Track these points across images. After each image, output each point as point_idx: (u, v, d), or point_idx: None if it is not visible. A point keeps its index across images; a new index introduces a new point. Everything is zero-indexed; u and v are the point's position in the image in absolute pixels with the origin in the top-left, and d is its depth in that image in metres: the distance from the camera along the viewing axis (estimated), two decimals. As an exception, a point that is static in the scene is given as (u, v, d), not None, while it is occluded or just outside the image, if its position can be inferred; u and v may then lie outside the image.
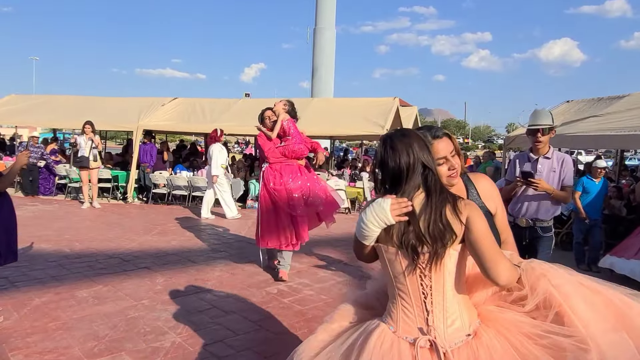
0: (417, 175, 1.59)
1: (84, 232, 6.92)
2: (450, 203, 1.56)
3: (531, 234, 3.47)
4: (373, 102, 11.20)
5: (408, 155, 1.59)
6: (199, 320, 3.74)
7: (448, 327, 1.55)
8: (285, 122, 4.90)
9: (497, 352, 1.49)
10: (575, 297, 1.54)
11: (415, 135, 1.65)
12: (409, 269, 1.56)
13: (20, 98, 13.35)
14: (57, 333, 3.40)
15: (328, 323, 1.84)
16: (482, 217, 1.56)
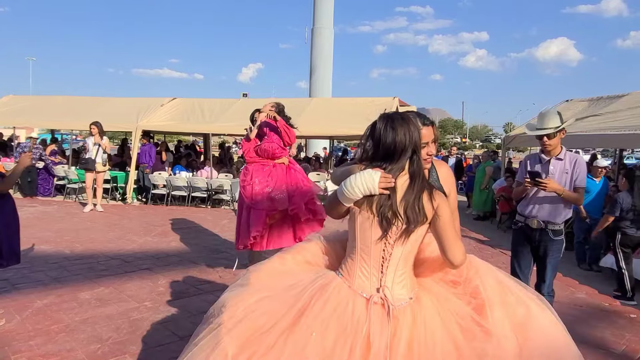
0: (405, 157, 1.77)
1: (84, 233, 6.89)
2: (427, 190, 1.77)
3: (542, 237, 3.39)
4: (373, 101, 11.18)
5: (404, 137, 1.76)
6: (201, 321, 3.72)
7: (396, 290, 1.77)
8: (263, 124, 4.91)
9: (431, 318, 1.72)
10: (495, 299, 1.78)
11: (413, 122, 1.82)
12: (379, 236, 1.75)
13: (18, 99, 13.29)
14: (60, 336, 3.38)
15: (284, 253, 2.05)
16: (449, 207, 1.79)
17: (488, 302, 1.75)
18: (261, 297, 1.80)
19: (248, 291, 1.85)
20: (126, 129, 11.78)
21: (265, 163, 4.88)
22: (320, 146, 20.81)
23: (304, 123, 10.46)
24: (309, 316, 1.67)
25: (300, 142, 24.72)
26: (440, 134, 67.49)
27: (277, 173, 4.86)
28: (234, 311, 1.77)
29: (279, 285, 1.84)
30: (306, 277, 1.85)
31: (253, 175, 4.82)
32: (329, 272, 1.88)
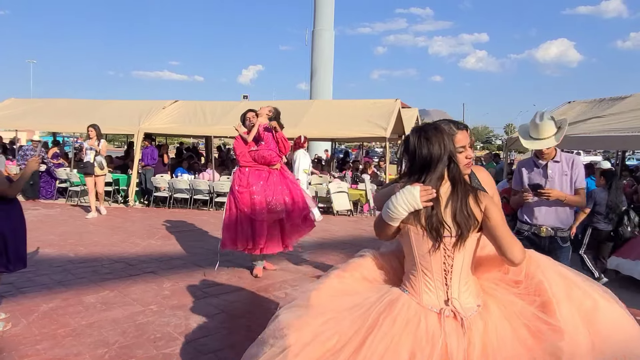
0: (442, 166, 1.78)
1: (87, 237, 6.89)
2: (472, 194, 1.77)
3: (551, 244, 3.29)
4: (374, 103, 11.18)
5: (439, 147, 1.78)
6: (208, 326, 3.72)
7: (464, 299, 1.76)
8: (262, 127, 4.93)
9: (501, 324, 1.71)
10: (561, 294, 1.76)
11: (445, 130, 1.85)
12: (433, 248, 1.76)
13: (20, 102, 13.30)
14: (67, 340, 3.37)
15: (341, 271, 2.02)
16: (498, 207, 1.80)
17: (555, 299, 1.73)
18: (327, 319, 1.76)
19: (311, 313, 1.81)
20: (128, 131, 11.79)
21: (261, 168, 4.93)
22: (321, 148, 20.80)
23: (306, 125, 10.49)
24: (378, 334, 1.66)
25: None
26: (441, 135, 68.12)
27: (273, 181, 4.93)
28: (300, 334, 1.73)
29: (342, 305, 1.81)
30: (370, 295, 1.84)
31: (250, 181, 4.86)
32: (394, 289, 1.86)
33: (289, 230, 5.03)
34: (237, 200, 4.87)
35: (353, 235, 7.74)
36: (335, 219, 9.42)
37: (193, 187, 10.21)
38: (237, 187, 4.89)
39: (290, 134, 10.54)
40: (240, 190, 4.85)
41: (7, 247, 3.36)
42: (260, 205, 4.78)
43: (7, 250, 3.36)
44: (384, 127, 9.62)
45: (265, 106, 5.12)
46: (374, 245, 7.02)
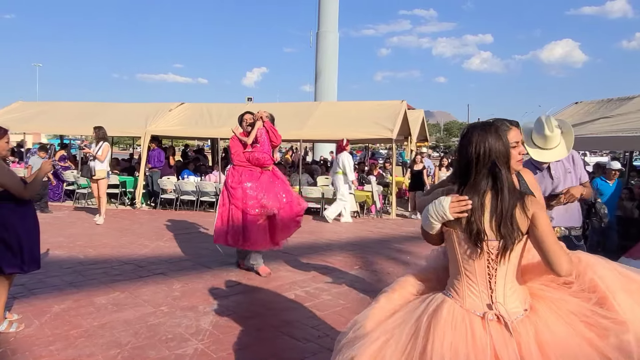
0: (483, 172, 1.70)
1: (96, 239, 6.92)
2: (519, 202, 1.69)
3: (566, 244, 3.24)
4: (380, 105, 11.19)
5: (480, 148, 1.71)
6: (219, 326, 3.73)
7: (509, 303, 1.71)
8: (262, 130, 5.17)
9: (553, 323, 1.66)
10: (616, 286, 1.72)
11: (494, 130, 1.74)
12: (475, 254, 1.72)
13: (27, 105, 13.39)
14: (79, 341, 3.39)
15: (389, 292, 2.00)
16: (545, 214, 1.69)
17: (610, 293, 1.69)
18: (384, 341, 1.75)
19: (370, 339, 1.77)
20: (135, 134, 11.84)
21: (254, 169, 5.18)
22: (327, 150, 20.82)
23: (312, 127, 10.51)
24: (436, 341, 1.64)
25: (307, 146, 24.71)
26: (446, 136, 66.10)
27: (265, 180, 5.18)
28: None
29: (395, 323, 1.79)
30: (417, 304, 1.82)
31: (243, 178, 5.12)
32: (437, 294, 1.84)
33: (280, 228, 5.18)
34: (230, 196, 5.13)
35: (360, 237, 7.74)
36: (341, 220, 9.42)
37: (199, 189, 10.24)
38: (230, 183, 5.15)
39: (296, 135, 10.63)
40: (234, 186, 5.10)
41: (22, 248, 3.39)
42: (252, 201, 5.02)
43: (22, 251, 3.39)
44: (390, 129, 9.62)
45: (263, 110, 5.36)
46: (380, 247, 7.06)
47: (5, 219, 3.34)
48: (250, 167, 5.17)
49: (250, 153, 5.12)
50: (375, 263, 5.91)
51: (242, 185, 5.06)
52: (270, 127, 5.23)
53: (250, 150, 5.13)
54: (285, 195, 5.22)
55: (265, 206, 5.03)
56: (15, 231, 3.36)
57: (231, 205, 5.10)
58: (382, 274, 5.43)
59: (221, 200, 5.26)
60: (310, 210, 10.42)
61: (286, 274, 5.30)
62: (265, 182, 5.16)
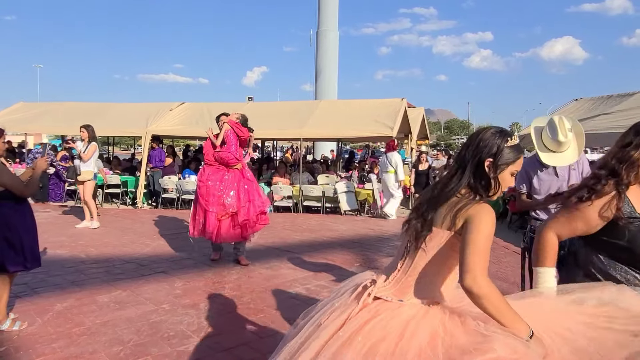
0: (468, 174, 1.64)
1: (98, 238, 6.95)
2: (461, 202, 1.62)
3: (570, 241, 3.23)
4: (380, 103, 11.20)
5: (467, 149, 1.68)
6: (221, 324, 3.75)
7: (391, 286, 1.68)
8: (228, 132, 5.51)
9: (393, 323, 1.55)
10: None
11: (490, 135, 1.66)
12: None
13: (29, 106, 13.44)
14: (82, 338, 3.41)
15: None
16: (485, 225, 1.53)
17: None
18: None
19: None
20: (136, 133, 11.87)
21: (221, 168, 5.53)
22: (327, 148, 20.84)
23: (313, 125, 10.53)
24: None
25: (308, 144, 24.72)
26: (446, 135, 65.71)
27: (230, 179, 5.50)
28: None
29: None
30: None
31: (208, 177, 5.48)
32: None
33: (244, 224, 5.45)
34: (196, 193, 5.59)
35: (361, 235, 7.75)
36: (342, 218, 9.44)
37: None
38: (198, 180, 5.63)
39: (297, 134, 10.65)
40: (200, 185, 5.53)
41: (24, 247, 3.41)
42: (212, 199, 5.39)
43: (24, 249, 3.41)
44: (391, 127, 9.63)
45: (234, 113, 5.76)
46: (381, 244, 7.08)
47: (7, 218, 3.36)
48: (217, 166, 5.53)
49: (218, 153, 5.51)
50: (375, 260, 5.92)
51: (206, 184, 5.44)
52: (234, 124, 5.56)
53: (219, 150, 5.51)
54: (249, 194, 5.51)
55: (224, 205, 5.37)
56: (17, 230, 3.39)
57: (197, 202, 5.55)
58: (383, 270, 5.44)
59: (195, 197, 5.74)
60: (310, 209, 10.46)
61: (287, 272, 5.32)
62: (228, 181, 5.49)
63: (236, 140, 5.53)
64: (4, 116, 12.82)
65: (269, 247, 6.35)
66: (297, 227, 8.19)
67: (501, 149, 1.63)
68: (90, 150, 7.57)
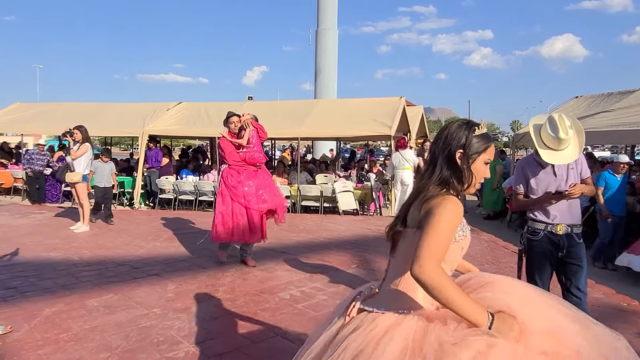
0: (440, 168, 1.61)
1: (92, 240, 6.87)
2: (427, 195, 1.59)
3: (569, 242, 3.09)
4: (379, 102, 11.10)
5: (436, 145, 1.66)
6: (212, 328, 3.66)
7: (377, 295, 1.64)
8: (253, 132, 5.49)
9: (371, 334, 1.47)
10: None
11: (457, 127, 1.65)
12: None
13: (26, 106, 13.36)
14: (69, 344, 3.33)
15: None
16: (442, 214, 1.47)
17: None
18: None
19: None
20: (133, 133, 11.80)
21: (247, 168, 5.49)
22: (327, 148, 20.73)
23: (310, 124, 10.43)
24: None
25: (308, 143, 24.62)
26: (447, 133, 66.90)
27: (261, 177, 5.57)
28: None
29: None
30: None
31: (241, 178, 5.43)
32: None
33: (265, 222, 5.57)
34: (232, 194, 5.41)
35: (359, 235, 7.66)
36: (340, 218, 9.35)
37: (198, 189, 10.18)
38: (230, 182, 5.43)
39: (295, 133, 10.55)
40: (235, 185, 5.40)
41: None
42: (254, 197, 5.41)
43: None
44: (389, 125, 9.54)
45: (247, 113, 5.60)
46: (379, 245, 6.97)
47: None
48: (245, 166, 5.48)
49: (246, 153, 5.44)
50: (373, 261, 5.83)
51: (244, 183, 5.40)
52: (258, 125, 5.55)
53: (245, 151, 5.45)
54: (273, 192, 5.65)
55: (266, 201, 5.46)
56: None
57: (234, 203, 5.38)
58: (380, 272, 5.34)
59: (221, 200, 5.48)
60: (309, 209, 10.37)
61: (283, 274, 5.23)
62: (262, 180, 5.55)
63: (259, 140, 5.58)
64: (0, 117, 12.75)
65: (265, 248, 6.26)
66: (294, 227, 8.10)
67: (470, 140, 1.61)
68: (81, 150, 7.42)
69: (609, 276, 5.70)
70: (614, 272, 5.96)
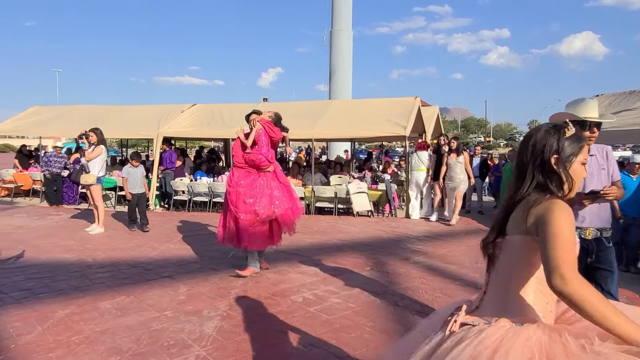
0: (531, 176, 1.56)
1: (106, 241, 6.91)
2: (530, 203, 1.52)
3: (598, 246, 2.97)
4: (394, 102, 10.98)
5: (523, 154, 1.61)
6: (223, 331, 3.61)
7: (478, 309, 1.56)
8: (259, 132, 5.15)
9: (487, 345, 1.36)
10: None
11: (545, 133, 1.59)
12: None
13: (44, 109, 13.57)
14: (80, 348, 3.31)
15: None
16: (558, 218, 1.39)
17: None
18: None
19: None
20: (148, 136, 11.88)
21: (251, 170, 5.16)
22: (341, 149, 20.64)
23: (324, 125, 10.37)
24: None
25: (323, 145, 24.53)
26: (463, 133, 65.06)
27: (260, 183, 5.13)
28: None
29: None
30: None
31: (238, 181, 5.14)
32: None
33: (276, 229, 5.25)
34: (226, 199, 5.26)
35: (373, 237, 7.57)
36: (355, 220, 9.26)
37: (212, 190, 10.19)
38: (228, 185, 5.27)
39: (308, 134, 10.50)
40: (229, 190, 5.19)
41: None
42: (244, 205, 5.05)
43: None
44: (404, 126, 9.42)
45: (267, 110, 5.36)
46: (394, 247, 6.87)
47: None
48: (247, 169, 5.18)
49: (248, 155, 5.15)
50: (387, 264, 5.74)
51: (236, 189, 5.11)
52: (267, 124, 5.19)
53: (249, 152, 5.15)
54: (279, 202, 5.13)
55: (257, 213, 5.01)
56: None
57: (227, 208, 5.21)
58: (395, 275, 5.26)
59: (224, 202, 5.41)
60: (323, 210, 10.30)
61: (295, 276, 5.17)
62: (261, 186, 5.12)
63: (268, 140, 5.15)
64: (19, 120, 12.98)
65: (278, 250, 6.20)
66: (307, 229, 8.04)
67: (562, 143, 1.57)
68: (95, 152, 7.46)
69: (631, 280, 5.51)
70: (635, 276, 5.76)
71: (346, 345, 3.39)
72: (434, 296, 4.52)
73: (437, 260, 5.93)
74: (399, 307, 4.21)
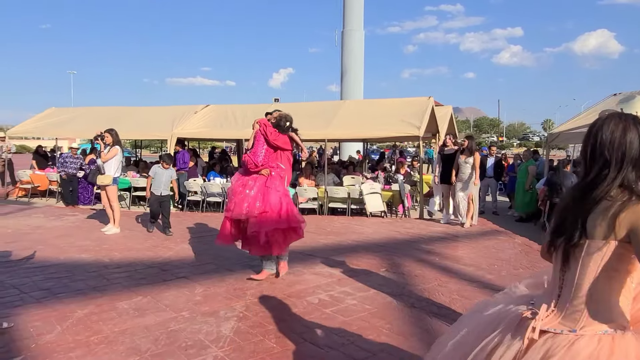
0: (616, 171, 1.43)
1: (122, 241, 6.97)
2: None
3: None
4: (407, 102, 10.93)
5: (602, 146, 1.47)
6: (239, 332, 3.62)
7: (554, 314, 1.49)
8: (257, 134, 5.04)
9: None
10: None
11: (623, 126, 1.46)
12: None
13: (60, 111, 13.75)
14: (99, 347, 3.34)
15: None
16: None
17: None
18: None
19: None
20: (161, 136, 11.98)
21: (248, 173, 5.04)
22: (353, 149, 20.60)
23: (337, 126, 10.35)
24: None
25: (335, 145, 24.51)
26: (476, 133, 64.47)
27: (250, 185, 4.96)
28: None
29: None
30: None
31: (235, 183, 5.12)
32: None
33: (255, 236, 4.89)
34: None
35: (387, 237, 7.54)
36: (368, 220, 9.23)
37: (225, 191, 10.23)
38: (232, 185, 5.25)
39: (321, 135, 10.49)
40: (228, 191, 5.35)
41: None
42: (235, 206, 4.93)
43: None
44: (417, 126, 9.36)
45: (277, 111, 5.25)
46: (408, 248, 6.80)
47: None
48: (249, 172, 5.04)
49: (244, 155, 5.16)
50: (402, 265, 5.70)
51: (232, 190, 5.11)
52: (263, 125, 5.03)
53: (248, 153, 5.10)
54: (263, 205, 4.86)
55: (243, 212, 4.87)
56: None
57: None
58: (410, 276, 5.23)
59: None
60: (336, 211, 10.28)
61: (310, 277, 5.16)
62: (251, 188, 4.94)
63: (263, 143, 4.99)
64: (36, 122, 13.18)
65: (293, 251, 6.18)
66: (321, 230, 8.04)
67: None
68: (111, 152, 7.49)
69: None
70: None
71: (363, 348, 3.37)
72: (451, 298, 4.48)
73: (453, 262, 5.88)
74: (416, 309, 4.17)
